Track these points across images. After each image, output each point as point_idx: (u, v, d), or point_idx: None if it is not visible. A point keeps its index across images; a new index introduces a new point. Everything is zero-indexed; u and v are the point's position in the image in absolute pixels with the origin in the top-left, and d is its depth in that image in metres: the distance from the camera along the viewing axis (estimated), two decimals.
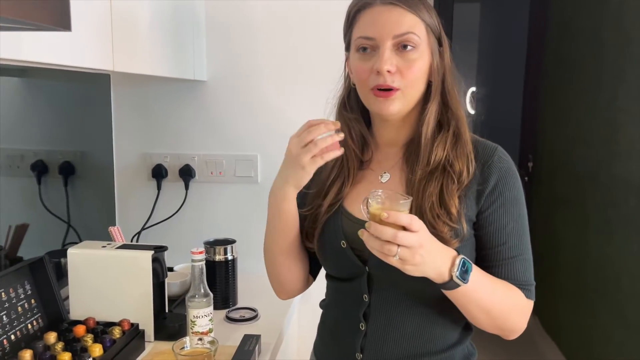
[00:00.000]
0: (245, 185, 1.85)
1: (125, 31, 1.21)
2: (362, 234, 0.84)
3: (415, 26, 0.93)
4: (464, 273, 0.87)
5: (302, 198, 1.09)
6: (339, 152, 0.92)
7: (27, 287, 1.24)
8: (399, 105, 0.95)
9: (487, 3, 4.43)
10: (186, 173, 1.84)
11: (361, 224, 0.99)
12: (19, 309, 1.20)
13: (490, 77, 4.42)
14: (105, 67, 1.12)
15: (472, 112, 4.44)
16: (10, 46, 0.81)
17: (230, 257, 1.57)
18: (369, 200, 0.85)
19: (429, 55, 0.95)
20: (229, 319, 1.48)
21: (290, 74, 1.79)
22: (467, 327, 1.05)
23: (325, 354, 1.13)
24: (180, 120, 1.84)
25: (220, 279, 1.56)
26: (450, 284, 0.87)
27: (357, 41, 0.96)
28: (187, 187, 1.85)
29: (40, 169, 1.63)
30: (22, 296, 1.22)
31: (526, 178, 3.66)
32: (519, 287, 0.96)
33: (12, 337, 1.16)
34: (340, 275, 1.06)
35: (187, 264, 1.68)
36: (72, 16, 0.75)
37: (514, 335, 0.98)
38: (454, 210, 0.93)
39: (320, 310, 1.18)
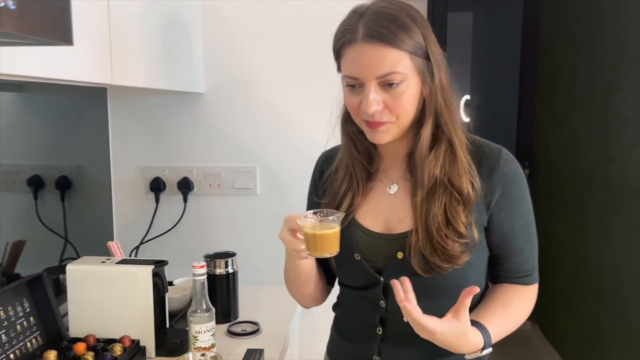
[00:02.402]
0: (244, 197, 1.84)
1: (123, 44, 1.20)
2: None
3: (398, 63, 0.90)
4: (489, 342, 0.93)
5: (315, 208, 1.10)
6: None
7: (26, 304, 1.22)
8: (391, 135, 0.96)
9: (480, 11, 4.46)
10: (184, 186, 1.83)
11: (374, 236, 1.02)
12: (18, 327, 1.18)
13: (485, 84, 4.44)
14: (104, 80, 1.11)
15: (466, 120, 4.45)
16: (11, 62, 0.80)
17: (230, 270, 1.55)
18: (299, 222, 0.93)
19: (417, 82, 0.94)
20: (231, 333, 1.46)
21: (288, 84, 1.78)
22: None
23: (341, 356, 1.14)
24: (178, 132, 1.83)
25: (221, 293, 1.54)
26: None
27: (344, 78, 0.97)
28: (185, 200, 1.84)
29: (36, 184, 1.61)
30: (21, 314, 1.20)
31: None
32: (524, 278, 1.02)
33: (12, 356, 1.14)
34: (356, 285, 1.07)
35: (187, 278, 1.66)
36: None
37: None
38: (461, 229, 0.94)
39: (323, 316, 1.19)
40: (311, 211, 0.95)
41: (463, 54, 4.39)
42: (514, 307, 1.01)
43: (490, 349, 0.93)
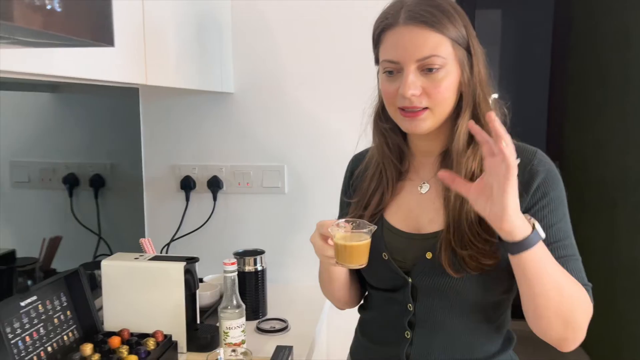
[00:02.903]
0: (272, 195, 1.86)
1: (156, 45, 1.22)
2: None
3: (439, 46, 0.90)
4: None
5: (345, 208, 1.10)
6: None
7: (63, 299, 1.26)
8: (428, 124, 0.95)
9: (509, 8, 4.39)
10: (214, 184, 1.85)
11: (403, 235, 1.01)
12: (55, 320, 1.21)
13: (514, 83, 4.37)
14: (139, 81, 1.13)
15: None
16: (50, 63, 0.83)
17: (259, 268, 1.57)
18: (330, 230, 0.92)
19: (457, 70, 0.93)
20: (260, 330, 1.48)
21: (317, 84, 1.79)
22: (509, 335, 1.04)
23: (366, 358, 1.12)
24: (208, 131, 1.86)
25: (250, 290, 1.56)
26: (533, 235, 0.83)
27: (382, 64, 0.96)
28: (215, 198, 1.86)
29: (71, 182, 1.66)
30: (58, 308, 1.23)
31: None
32: None
33: (49, 349, 1.17)
34: (383, 286, 1.06)
35: (216, 274, 1.69)
36: None
37: (576, 339, 0.91)
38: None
39: (351, 315, 1.18)
40: (343, 220, 0.94)
41: (491, 51, 4.32)
42: (570, 277, 0.90)
43: (541, 232, 0.84)
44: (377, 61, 1.00)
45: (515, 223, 0.81)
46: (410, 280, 0.99)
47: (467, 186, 0.85)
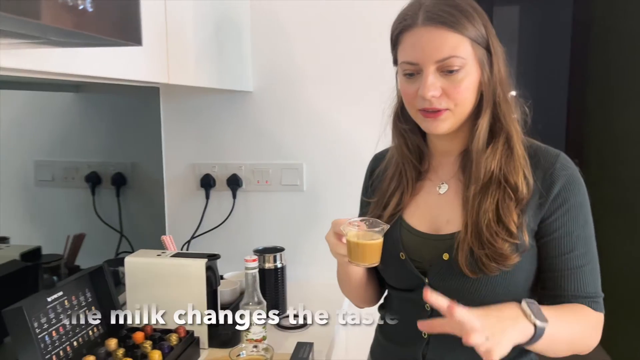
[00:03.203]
0: (291, 193, 1.87)
1: (178, 44, 1.24)
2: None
3: (458, 47, 0.90)
4: (539, 312, 0.85)
5: (364, 207, 1.11)
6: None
7: (88, 294, 1.28)
8: (448, 124, 0.94)
9: (527, 5, 4.35)
10: (233, 182, 1.87)
11: (420, 235, 1.01)
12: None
13: (533, 80, 4.33)
14: (162, 80, 1.14)
15: (513, 116, 4.35)
16: (75, 62, 0.84)
17: (279, 265, 1.58)
18: (342, 229, 0.92)
19: (477, 70, 0.92)
20: (280, 326, 1.49)
21: (335, 82, 1.80)
22: None
23: (384, 358, 1.13)
24: (227, 130, 1.87)
25: (270, 287, 1.57)
26: (538, 332, 0.83)
27: (401, 66, 0.95)
28: (234, 196, 1.88)
29: (94, 181, 1.69)
30: (84, 303, 1.26)
31: None
32: (586, 300, 0.93)
33: (75, 343, 1.19)
34: (401, 286, 1.06)
35: (236, 272, 1.70)
36: None
37: (588, 352, 0.95)
38: (512, 227, 0.91)
39: (371, 314, 1.18)
40: (358, 218, 0.94)
41: (510, 49, 4.28)
42: (572, 315, 0.92)
43: (543, 324, 0.83)
44: (395, 62, 1.00)
45: (515, 339, 0.82)
46: (427, 280, 0.99)
47: (447, 326, 0.84)
